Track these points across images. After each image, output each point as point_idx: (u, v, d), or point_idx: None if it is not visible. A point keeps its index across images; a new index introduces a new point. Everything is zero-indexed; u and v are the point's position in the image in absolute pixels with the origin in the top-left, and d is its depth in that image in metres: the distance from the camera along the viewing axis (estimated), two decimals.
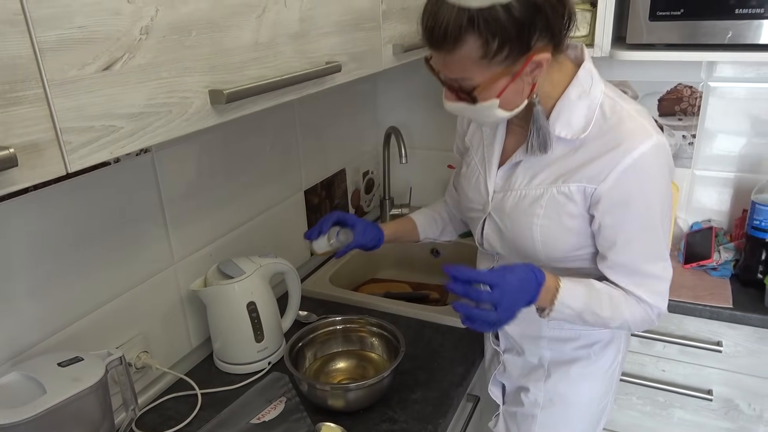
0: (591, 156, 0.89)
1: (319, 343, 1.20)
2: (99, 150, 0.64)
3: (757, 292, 1.44)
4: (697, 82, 1.59)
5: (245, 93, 0.82)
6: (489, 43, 0.79)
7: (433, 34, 0.82)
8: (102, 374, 0.87)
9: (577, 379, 1.10)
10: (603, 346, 1.09)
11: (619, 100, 0.90)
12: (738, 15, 1.21)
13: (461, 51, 0.81)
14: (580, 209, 0.92)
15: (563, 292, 0.90)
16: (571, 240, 0.95)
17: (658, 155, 0.87)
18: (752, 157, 1.62)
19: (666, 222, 0.94)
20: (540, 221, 0.95)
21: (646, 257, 0.93)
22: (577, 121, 0.90)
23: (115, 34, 0.64)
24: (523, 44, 0.81)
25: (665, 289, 0.96)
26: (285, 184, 1.55)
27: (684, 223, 1.74)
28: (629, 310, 0.94)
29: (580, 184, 0.90)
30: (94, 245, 1.04)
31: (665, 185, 0.90)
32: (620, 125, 0.87)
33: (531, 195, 0.95)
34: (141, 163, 1.11)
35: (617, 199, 0.88)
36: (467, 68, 0.84)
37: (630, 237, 0.91)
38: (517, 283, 0.86)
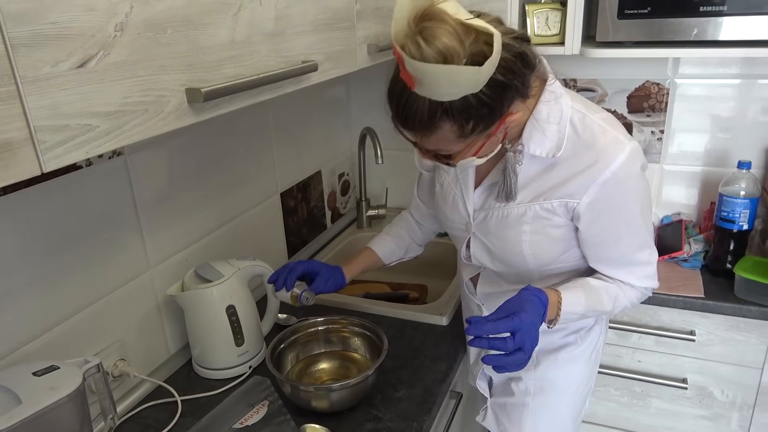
0: (569, 174, 0.92)
1: (301, 345, 1.19)
2: (75, 149, 0.63)
3: (727, 282, 1.49)
4: (663, 79, 1.63)
5: (223, 92, 0.81)
6: (464, 126, 0.81)
7: (407, 121, 0.84)
8: (79, 383, 0.84)
9: (565, 364, 1.13)
10: (587, 331, 1.13)
11: (587, 113, 0.92)
12: (702, 12, 1.24)
13: (437, 134, 0.83)
14: (565, 220, 0.96)
15: (565, 303, 0.94)
16: (560, 247, 1.00)
17: (633, 162, 0.90)
18: (718, 151, 1.66)
19: (647, 213, 0.97)
20: (528, 237, 0.98)
21: (632, 249, 0.98)
22: (550, 138, 0.92)
23: (89, 30, 0.63)
24: (495, 115, 0.83)
25: (653, 271, 1.03)
26: (261, 186, 1.54)
27: (655, 217, 1.78)
28: (626, 297, 1.01)
29: (562, 200, 0.93)
30: (66, 251, 1.01)
31: (643, 185, 0.94)
32: (594, 142, 0.90)
33: (514, 213, 0.98)
34: (114, 167, 1.08)
35: (599, 209, 0.92)
36: (443, 145, 0.86)
37: (615, 236, 0.96)
38: (531, 318, 0.87)
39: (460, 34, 0.74)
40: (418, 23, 0.75)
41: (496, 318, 0.87)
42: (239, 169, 1.44)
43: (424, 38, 0.74)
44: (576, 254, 1.02)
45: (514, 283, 1.09)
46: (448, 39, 0.74)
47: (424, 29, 0.75)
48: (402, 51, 0.76)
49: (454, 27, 0.74)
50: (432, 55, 0.74)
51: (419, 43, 0.74)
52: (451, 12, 0.75)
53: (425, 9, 0.76)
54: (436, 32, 0.74)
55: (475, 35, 0.75)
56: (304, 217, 1.75)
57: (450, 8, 0.76)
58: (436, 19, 0.75)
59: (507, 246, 1.01)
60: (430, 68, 0.74)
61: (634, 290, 1.02)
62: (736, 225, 1.46)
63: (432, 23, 0.74)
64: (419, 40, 0.74)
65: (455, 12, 0.76)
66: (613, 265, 1.00)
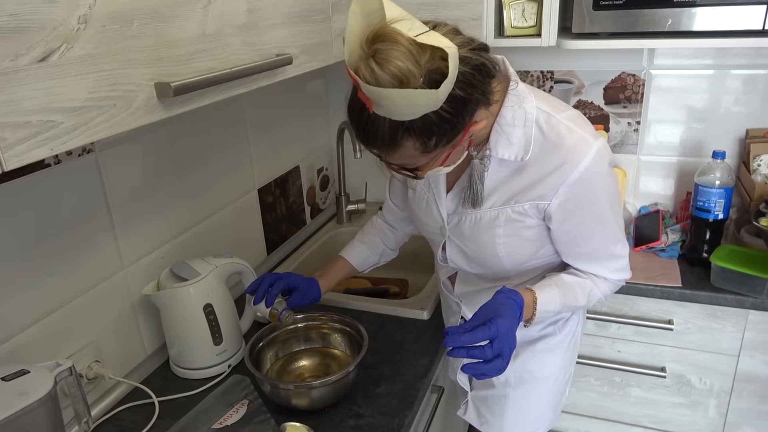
0: (538, 176, 0.92)
1: (280, 343, 1.18)
2: (38, 146, 0.61)
3: (704, 271, 1.50)
4: (639, 71, 1.64)
5: (194, 86, 0.79)
6: (426, 142, 0.80)
7: (368, 140, 0.82)
8: (50, 387, 0.82)
9: (544, 355, 1.14)
10: (565, 321, 1.14)
11: (553, 113, 0.92)
12: (676, 3, 1.25)
13: (400, 152, 0.81)
14: (537, 220, 0.97)
15: (541, 302, 0.96)
16: (534, 246, 1.00)
17: (600, 161, 0.90)
18: (693, 141, 1.68)
19: (616, 209, 0.98)
20: (502, 240, 0.98)
21: (604, 245, 0.99)
22: (517, 141, 0.91)
23: (51, 23, 0.60)
24: (459, 128, 0.82)
25: (626, 263, 1.04)
26: (237, 183, 1.51)
27: (632, 207, 1.80)
28: (600, 290, 1.02)
29: (533, 201, 0.94)
30: (36, 252, 0.98)
31: (611, 181, 0.95)
32: (561, 143, 0.89)
33: (486, 217, 0.98)
34: (84, 164, 1.06)
35: (569, 209, 0.93)
36: (408, 160, 0.85)
37: (587, 234, 0.97)
38: (508, 323, 0.86)
39: (415, 54, 0.72)
40: (370, 45, 0.73)
41: (473, 327, 0.86)
42: (215, 165, 1.41)
43: (377, 62, 0.72)
44: (550, 250, 1.02)
45: (491, 281, 1.09)
46: (402, 61, 0.71)
47: (377, 52, 0.72)
48: (356, 75, 0.74)
49: (408, 47, 0.72)
50: (387, 79, 0.72)
51: (372, 68, 0.72)
52: (404, 30, 0.73)
53: (377, 30, 0.73)
54: (389, 55, 0.71)
55: (431, 52, 0.73)
56: (282, 214, 1.73)
57: (403, 26, 0.73)
58: (388, 40, 0.72)
59: (482, 249, 1.02)
60: (386, 92, 0.72)
61: (607, 283, 1.03)
62: (712, 214, 1.48)
63: (384, 45, 0.72)
64: (372, 64, 0.72)
65: (409, 29, 0.73)
66: (586, 260, 1.01)
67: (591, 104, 1.72)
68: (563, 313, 1.11)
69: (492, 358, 0.84)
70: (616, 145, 1.74)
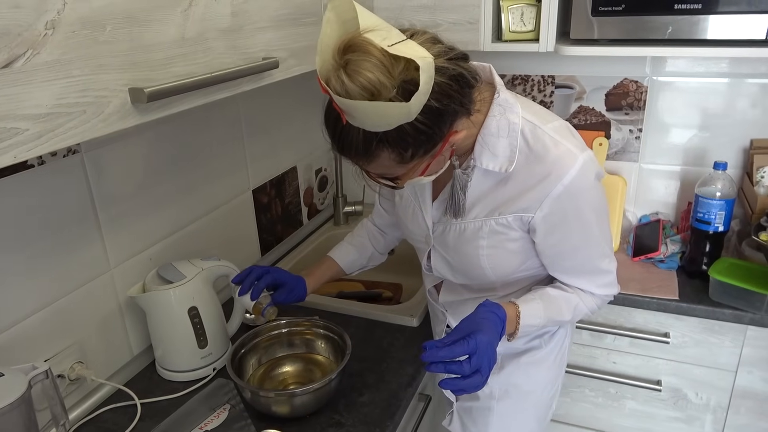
0: (522, 188, 0.90)
1: (263, 348, 1.17)
2: (0, 154, 0.60)
3: (702, 284, 1.47)
4: (642, 77, 1.61)
5: (169, 91, 0.78)
6: (402, 153, 0.78)
7: (344, 150, 0.80)
8: (23, 390, 0.82)
9: (529, 368, 1.12)
10: (551, 335, 1.12)
11: (539, 123, 0.89)
12: (677, 10, 1.22)
13: (376, 162, 0.80)
14: (521, 233, 0.95)
15: (524, 316, 0.94)
16: (518, 259, 0.98)
17: (586, 174, 0.88)
18: (696, 150, 1.65)
19: (604, 223, 0.96)
20: (485, 251, 0.97)
21: (590, 259, 0.97)
22: (502, 152, 0.89)
23: (15, 28, 0.59)
24: (437, 139, 0.79)
25: (613, 279, 1.02)
26: (231, 183, 1.51)
27: (633, 216, 1.76)
28: (586, 305, 1.00)
29: (517, 214, 0.92)
30: (18, 252, 0.98)
31: (597, 195, 0.92)
32: (546, 155, 0.87)
33: (470, 228, 0.97)
34: (69, 165, 1.05)
35: (554, 222, 0.90)
36: (385, 170, 0.83)
37: (572, 247, 0.95)
38: (488, 339, 0.84)
39: (387, 65, 0.70)
40: (341, 56, 0.71)
41: (452, 341, 0.84)
42: (208, 165, 1.41)
43: (347, 73, 0.70)
44: (536, 263, 1.00)
45: (476, 292, 1.07)
46: (373, 73, 0.69)
47: (348, 63, 0.71)
48: (327, 86, 0.73)
49: (380, 58, 0.70)
50: (357, 91, 0.70)
51: (343, 80, 0.70)
52: (378, 40, 0.71)
53: (348, 40, 0.71)
54: (359, 66, 0.70)
55: (405, 63, 0.71)
56: (278, 214, 1.72)
57: (377, 36, 0.71)
58: (360, 50, 0.70)
59: (465, 260, 1.00)
60: (356, 104, 0.70)
61: (594, 298, 1.01)
62: (712, 226, 1.45)
63: (356, 55, 0.70)
64: (343, 75, 0.70)
65: (383, 38, 0.71)
66: (571, 274, 0.99)
67: (592, 110, 1.69)
68: (549, 327, 1.09)
69: (470, 374, 0.82)
70: (617, 152, 1.71)
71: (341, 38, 0.72)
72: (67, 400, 1.08)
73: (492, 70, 0.91)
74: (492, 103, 0.89)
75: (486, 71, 0.92)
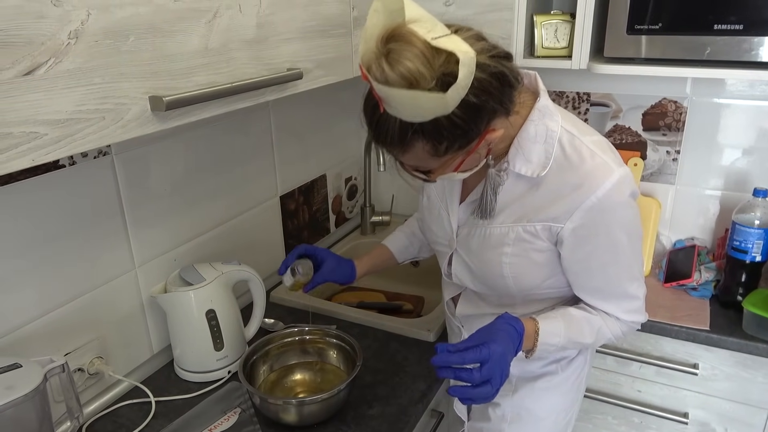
0: (553, 196, 0.88)
1: (276, 355, 1.18)
2: (18, 157, 0.63)
3: (736, 315, 1.41)
4: (681, 97, 1.56)
5: (189, 100, 0.80)
6: (437, 146, 0.78)
7: (379, 138, 0.81)
8: (38, 382, 0.85)
9: (544, 393, 1.09)
10: (569, 361, 1.08)
11: (578, 135, 0.88)
12: (717, 31, 1.17)
13: (410, 153, 0.81)
14: (548, 244, 0.92)
15: (543, 333, 0.91)
16: (542, 272, 0.95)
17: (620, 191, 0.85)
18: (737, 174, 1.58)
19: (636, 245, 0.93)
20: (509, 259, 0.94)
21: (618, 281, 0.94)
22: (537, 158, 0.88)
23: (39, 38, 0.62)
24: (473, 135, 0.80)
25: (641, 305, 0.98)
26: (259, 188, 1.53)
27: (667, 240, 1.70)
28: (610, 330, 0.97)
29: (546, 223, 0.90)
30: (47, 248, 1.02)
31: (630, 215, 0.89)
32: (582, 164, 0.86)
33: (496, 233, 0.95)
34: (99, 165, 1.09)
35: (583, 236, 0.88)
36: (419, 162, 0.84)
37: (600, 265, 0.92)
38: (502, 349, 0.83)
39: (428, 57, 0.71)
40: (384, 44, 0.72)
41: (465, 347, 0.83)
42: (237, 170, 1.43)
43: (388, 62, 0.71)
44: (561, 281, 0.97)
45: (495, 306, 1.05)
46: (413, 62, 0.70)
47: (390, 52, 0.72)
48: (368, 73, 0.74)
49: (422, 49, 0.71)
50: (395, 79, 0.71)
51: (383, 67, 0.71)
52: (422, 32, 0.72)
53: (393, 29, 0.72)
54: (401, 55, 0.71)
55: (446, 56, 0.72)
56: (305, 221, 1.74)
57: (421, 28, 0.72)
58: (402, 40, 0.71)
59: (487, 267, 0.98)
60: (394, 92, 0.71)
61: (619, 323, 0.97)
62: (749, 256, 1.38)
63: (398, 45, 0.71)
64: (383, 63, 0.71)
65: (428, 30, 0.72)
66: (597, 296, 0.96)
67: (628, 129, 1.64)
68: (568, 351, 1.06)
69: (480, 383, 0.81)
70: (653, 173, 1.66)
71: (386, 28, 0.73)
72: (85, 393, 1.12)
73: (537, 78, 0.91)
74: (533, 108, 0.89)
75: (531, 77, 0.92)
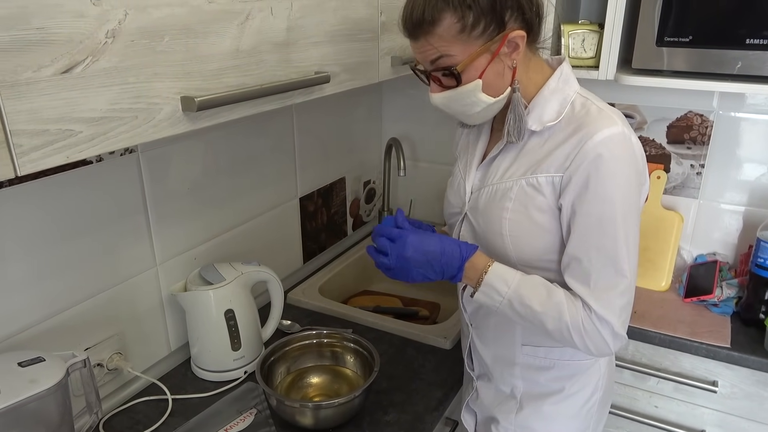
0: (556, 144, 0.90)
1: (293, 357, 1.18)
2: (53, 154, 0.63)
3: (758, 333, 1.39)
4: (708, 111, 1.54)
5: (219, 101, 0.80)
6: (465, 17, 0.84)
7: (412, 19, 0.87)
8: (61, 377, 0.85)
9: (550, 416, 1.05)
10: (578, 380, 1.04)
11: (593, 99, 0.92)
12: (749, 45, 1.16)
13: (439, 29, 0.85)
14: (549, 202, 0.90)
15: (492, 274, 0.91)
16: (541, 240, 0.92)
17: (620, 143, 0.85)
18: (762, 190, 1.56)
19: (629, 229, 0.87)
20: (509, 215, 0.94)
21: (599, 256, 0.87)
22: (548, 115, 0.92)
23: (78, 36, 0.63)
24: (496, 18, 0.85)
25: (620, 304, 0.88)
26: (280, 189, 1.53)
27: (688, 254, 1.68)
28: (569, 312, 0.88)
29: (548, 174, 0.90)
30: (71, 243, 1.03)
31: (625, 179, 0.85)
32: (587, 116, 0.89)
33: (501, 188, 0.96)
34: (125, 163, 1.10)
35: (577, 182, 0.86)
36: (446, 45, 0.86)
37: (586, 226, 0.87)
38: (423, 245, 0.92)
39: None
40: None
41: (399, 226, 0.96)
42: (259, 171, 1.44)
43: None
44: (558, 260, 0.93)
45: None
46: None
47: None
48: None
49: None
50: None
51: None
52: None
53: None
54: None
55: None
56: (323, 223, 1.74)
57: None
58: None
59: (489, 226, 0.97)
60: None
61: (584, 313, 0.87)
62: None
63: None
64: None
65: None
66: (575, 270, 0.88)
67: (652, 142, 1.63)
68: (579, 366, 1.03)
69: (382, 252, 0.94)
70: (676, 187, 1.64)
71: None
72: (104, 388, 1.12)
73: (566, 60, 0.96)
74: (556, 71, 0.94)
75: (560, 59, 0.97)
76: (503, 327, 1.03)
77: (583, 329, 0.88)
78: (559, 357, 1.02)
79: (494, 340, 1.06)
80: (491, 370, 1.08)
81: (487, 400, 1.11)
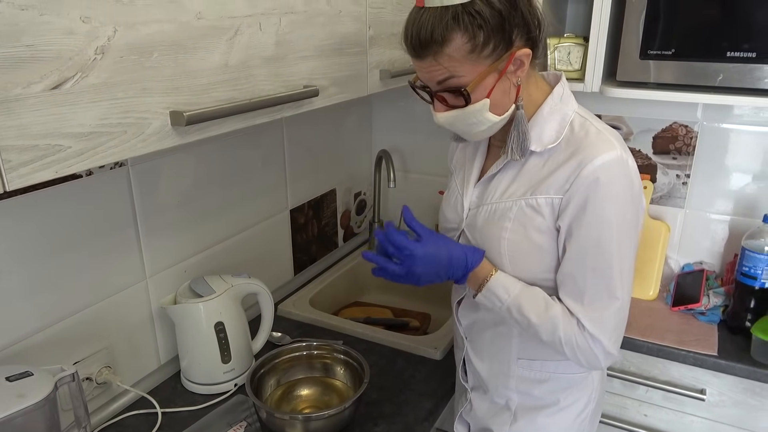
0: (557, 165, 0.90)
1: (282, 370, 1.18)
2: (42, 169, 0.64)
3: (744, 341, 1.40)
4: (692, 122, 1.56)
5: (208, 116, 0.81)
6: (475, 36, 0.82)
7: (420, 39, 0.84)
8: (49, 391, 0.85)
9: (545, 427, 1.05)
10: (573, 392, 1.05)
11: (591, 120, 0.92)
12: (729, 58, 1.18)
13: (448, 49, 0.83)
14: (548, 223, 0.91)
15: (494, 282, 0.94)
16: (539, 260, 0.93)
17: (618, 167, 0.86)
18: (747, 200, 1.58)
19: (624, 252, 0.88)
20: (507, 235, 0.94)
21: (594, 277, 0.89)
22: (548, 135, 0.92)
23: (67, 53, 0.63)
24: (505, 37, 0.84)
25: (612, 324, 0.90)
26: (270, 201, 1.54)
27: (675, 263, 1.70)
28: (563, 328, 0.90)
29: (548, 196, 0.90)
30: (60, 257, 1.03)
31: (622, 203, 0.87)
32: (585, 138, 0.89)
33: (501, 208, 0.96)
34: (115, 177, 1.10)
35: (576, 205, 0.88)
36: (456, 66, 0.84)
37: (582, 248, 0.88)
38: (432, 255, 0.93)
39: None
40: None
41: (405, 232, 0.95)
42: (249, 183, 1.45)
43: None
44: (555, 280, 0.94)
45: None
46: None
47: None
48: None
49: None
50: None
51: None
52: None
53: None
54: None
55: None
56: (314, 235, 1.75)
57: None
58: None
59: (487, 244, 0.97)
60: None
61: (577, 330, 0.89)
62: (758, 282, 1.38)
63: None
64: None
65: None
66: (569, 286, 0.91)
67: (639, 152, 1.65)
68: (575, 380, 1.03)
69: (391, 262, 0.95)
70: (663, 197, 1.66)
71: None
72: (93, 402, 1.12)
73: (563, 78, 0.97)
74: (553, 90, 0.94)
75: (557, 76, 0.97)
76: (499, 341, 1.04)
77: (576, 345, 0.91)
78: (554, 370, 1.03)
79: (489, 354, 1.06)
80: (486, 382, 1.09)
81: (480, 412, 1.12)
